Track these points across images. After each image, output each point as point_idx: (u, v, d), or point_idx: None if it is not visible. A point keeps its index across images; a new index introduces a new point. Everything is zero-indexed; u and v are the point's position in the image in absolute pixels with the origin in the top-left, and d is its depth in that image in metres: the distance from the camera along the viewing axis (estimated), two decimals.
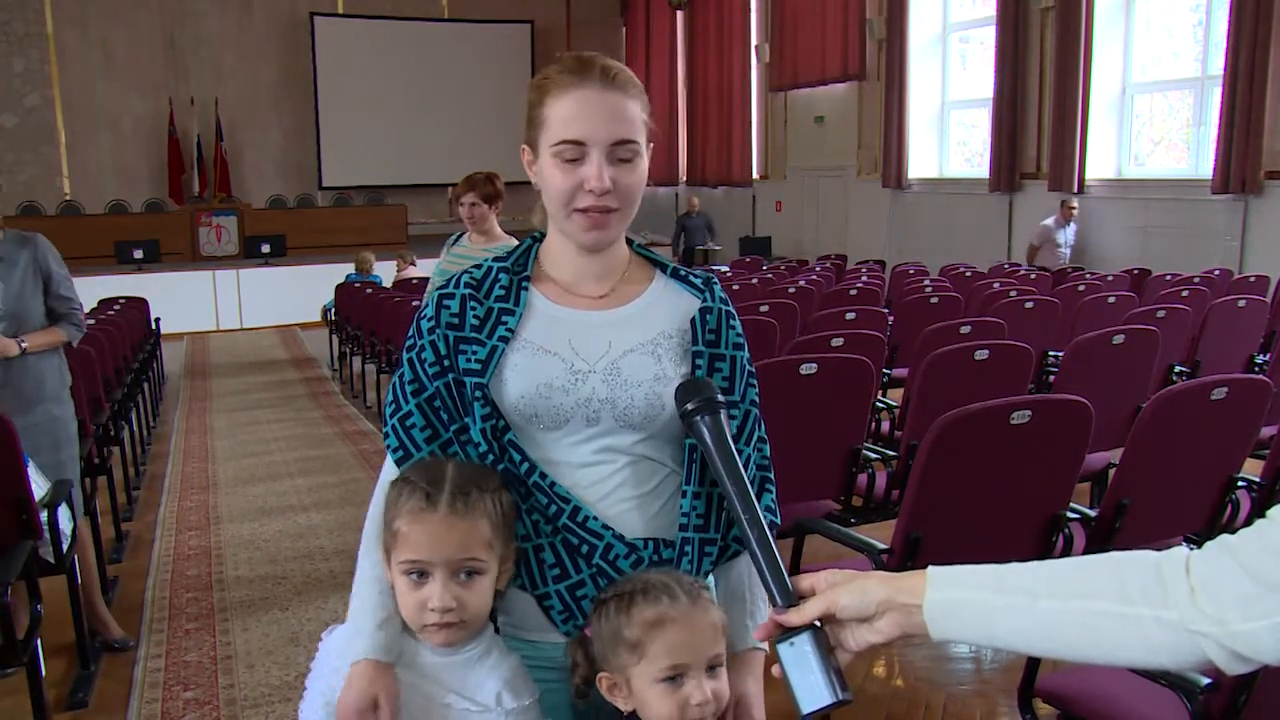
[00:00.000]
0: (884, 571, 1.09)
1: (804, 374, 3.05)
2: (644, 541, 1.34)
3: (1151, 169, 10.21)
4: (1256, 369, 4.78)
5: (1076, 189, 10.01)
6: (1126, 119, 10.27)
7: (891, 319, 5.48)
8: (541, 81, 1.37)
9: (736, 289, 6.50)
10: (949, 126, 12.63)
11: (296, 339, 11.90)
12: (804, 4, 13.70)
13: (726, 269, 9.81)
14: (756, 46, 15.12)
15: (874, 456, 3.40)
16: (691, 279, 1.46)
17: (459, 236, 4.15)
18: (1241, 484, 2.80)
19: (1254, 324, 5.11)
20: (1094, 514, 2.64)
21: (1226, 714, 1.74)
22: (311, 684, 1.41)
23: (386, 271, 10.43)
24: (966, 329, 4.45)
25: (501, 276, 1.40)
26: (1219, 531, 1.67)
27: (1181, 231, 9.22)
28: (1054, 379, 4.02)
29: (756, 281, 7.37)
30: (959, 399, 2.49)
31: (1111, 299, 5.45)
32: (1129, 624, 0.94)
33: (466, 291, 1.39)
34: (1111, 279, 7.15)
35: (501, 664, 1.33)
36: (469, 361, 1.35)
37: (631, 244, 1.47)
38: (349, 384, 8.63)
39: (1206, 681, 1.73)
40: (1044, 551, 2.56)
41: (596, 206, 1.33)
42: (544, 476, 1.33)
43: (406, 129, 16.31)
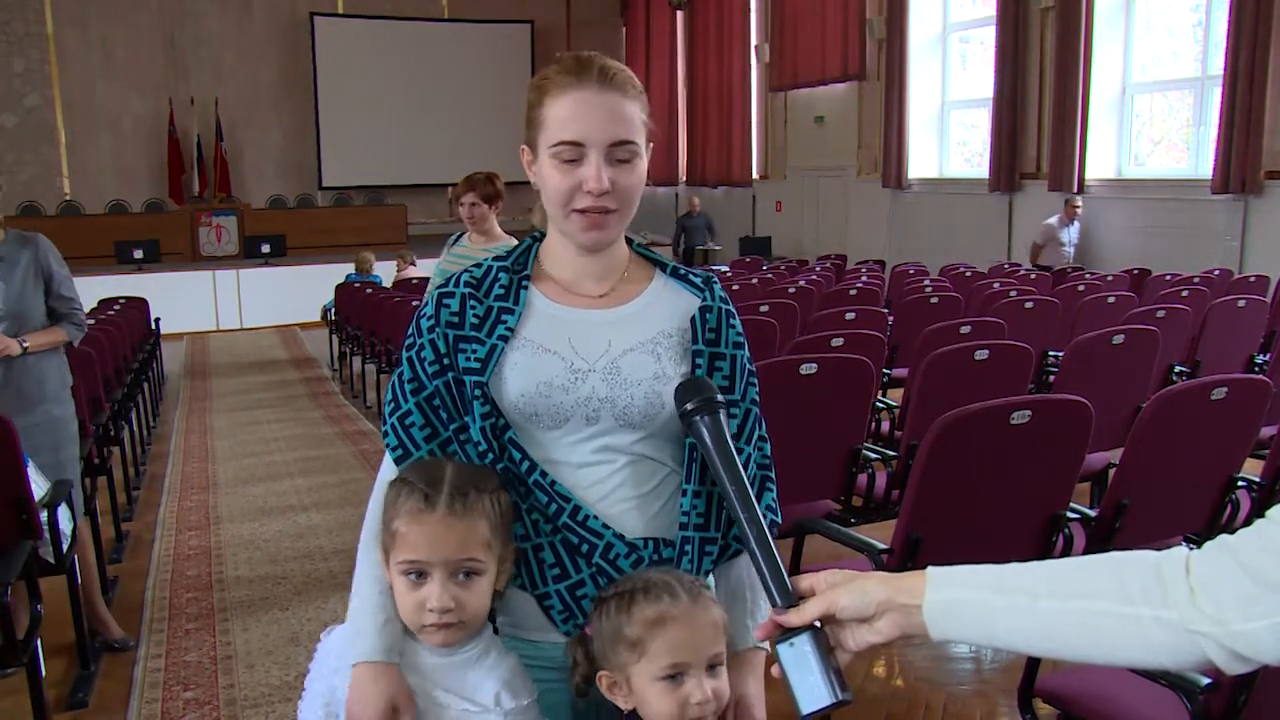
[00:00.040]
0: (883, 572, 1.09)
1: (804, 374, 3.05)
2: (644, 541, 1.34)
3: (1151, 169, 10.21)
4: (1256, 369, 4.78)
5: (1076, 189, 10.01)
6: (1126, 119, 10.27)
7: (891, 319, 5.48)
8: (540, 82, 1.36)
9: (736, 289, 6.50)
10: (949, 126, 12.63)
11: (296, 339, 11.90)
12: (804, 4, 13.70)
13: (726, 269, 9.82)
14: (756, 46, 15.12)
15: (874, 456, 3.40)
16: (691, 278, 1.46)
17: (459, 236, 4.15)
18: (1241, 484, 2.80)
19: (1254, 324, 5.11)
20: (1094, 514, 2.64)
21: (1226, 714, 1.74)
22: (311, 684, 1.41)
23: (386, 271, 10.44)
24: (966, 329, 4.45)
25: (501, 275, 1.40)
26: (1219, 531, 1.67)
27: (1181, 231, 9.22)
28: (1054, 379, 4.02)
29: (756, 281, 7.37)
30: (959, 399, 2.49)
31: (1111, 299, 5.45)
32: (1129, 624, 0.94)
33: (466, 290, 1.39)
34: (1111, 279, 7.15)
35: (500, 664, 1.32)
36: (468, 360, 1.35)
37: (631, 243, 1.47)
38: (349, 384, 8.63)
39: (1206, 681, 1.73)
40: (1044, 551, 2.56)
41: (595, 207, 1.32)
42: (544, 475, 1.33)
43: (406, 129, 16.31)
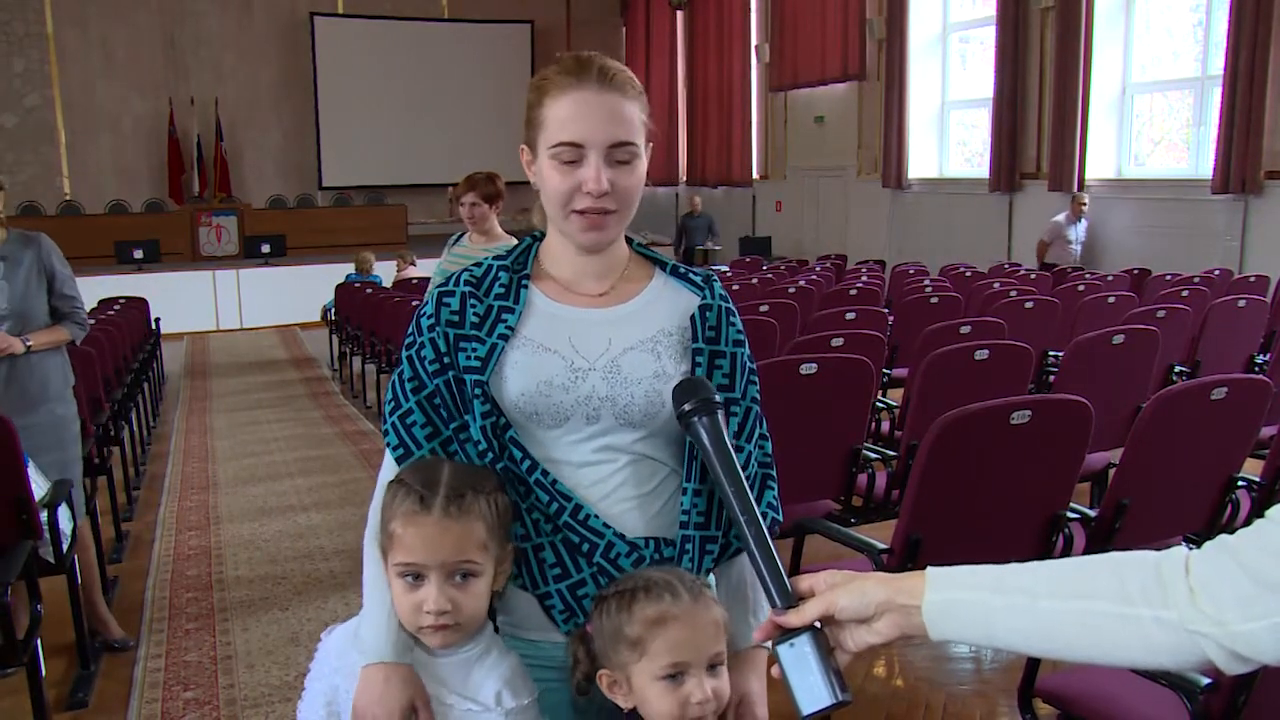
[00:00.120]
0: (883, 572, 1.09)
1: (804, 374, 3.05)
2: (645, 540, 1.34)
3: (1151, 169, 10.20)
4: (1256, 369, 4.78)
5: (1076, 189, 10.00)
6: (1126, 119, 10.27)
7: (891, 319, 5.48)
8: (540, 82, 1.36)
9: (736, 289, 6.50)
10: (949, 126, 12.63)
11: (296, 339, 11.90)
12: (804, 4, 13.70)
13: (726, 269, 9.82)
14: (756, 46, 15.11)
15: (874, 456, 3.40)
16: (691, 276, 1.46)
17: (460, 236, 4.15)
18: (1241, 484, 2.80)
19: (1254, 324, 5.11)
20: (1094, 514, 2.64)
21: (1226, 714, 1.74)
22: (311, 684, 1.41)
23: (386, 271, 10.44)
24: (966, 329, 4.45)
25: (501, 275, 1.40)
26: (1219, 531, 1.67)
27: (1181, 231, 9.22)
28: (1054, 379, 4.02)
29: (756, 281, 7.37)
30: (959, 399, 2.49)
31: (1111, 299, 5.45)
32: (1129, 624, 0.94)
33: (466, 289, 1.39)
34: (1111, 279, 7.15)
35: (501, 663, 1.33)
36: (469, 359, 1.35)
37: (631, 242, 1.47)
38: (349, 384, 8.63)
39: (1206, 681, 1.73)
40: (1044, 551, 2.56)
41: (595, 208, 1.32)
42: (545, 474, 1.33)
43: (406, 129, 16.31)
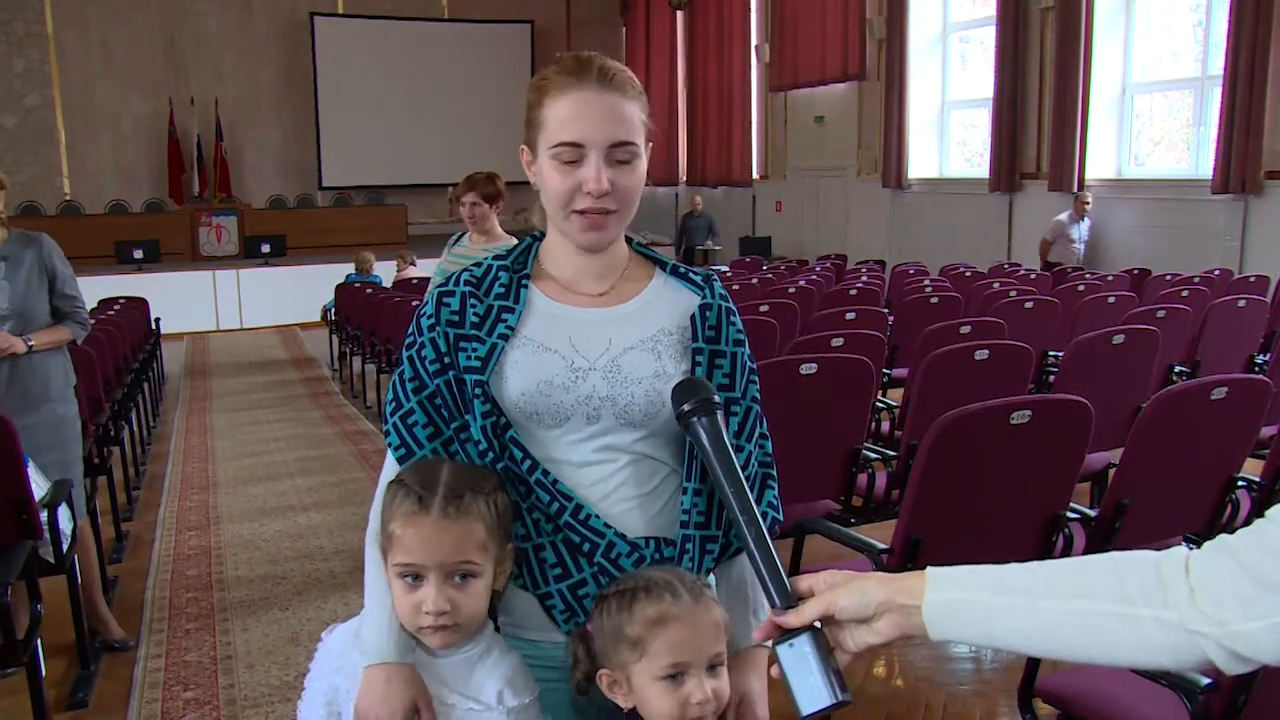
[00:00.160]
0: (883, 572, 1.08)
1: (804, 374, 3.05)
2: (645, 540, 1.34)
3: (1151, 169, 10.20)
4: (1256, 369, 4.78)
5: (1076, 189, 10.00)
6: (1126, 119, 10.27)
7: (891, 319, 5.48)
8: (540, 82, 1.36)
9: (736, 289, 6.50)
10: (949, 126, 12.63)
11: (296, 339, 11.90)
12: (804, 4, 13.70)
13: (726, 269, 9.82)
14: (756, 46, 15.11)
15: (874, 456, 3.40)
16: (691, 276, 1.46)
17: (460, 236, 4.15)
18: (1241, 484, 2.80)
19: (1254, 324, 5.11)
20: (1094, 514, 2.64)
21: (1226, 714, 1.74)
22: (311, 683, 1.41)
23: (386, 271, 10.43)
24: (966, 329, 4.45)
25: (501, 274, 1.40)
26: (1219, 531, 1.67)
27: (1181, 231, 9.22)
28: (1054, 379, 4.02)
29: (756, 281, 7.37)
30: (959, 399, 2.49)
31: (1111, 299, 5.45)
32: (1129, 624, 0.94)
33: (466, 289, 1.39)
34: (1111, 279, 7.15)
35: (502, 662, 1.33)
36: (469, 359, 1.35)
37: (631, 242, 1.47)
38: (349, 384, 8.63)
39: (1206, 681, 1.73)
40: (1044, 551, 2.56)
41: (595, 208, 1.32)
42: (546, 474, 1.33)
43: (406, 129, 16.31)
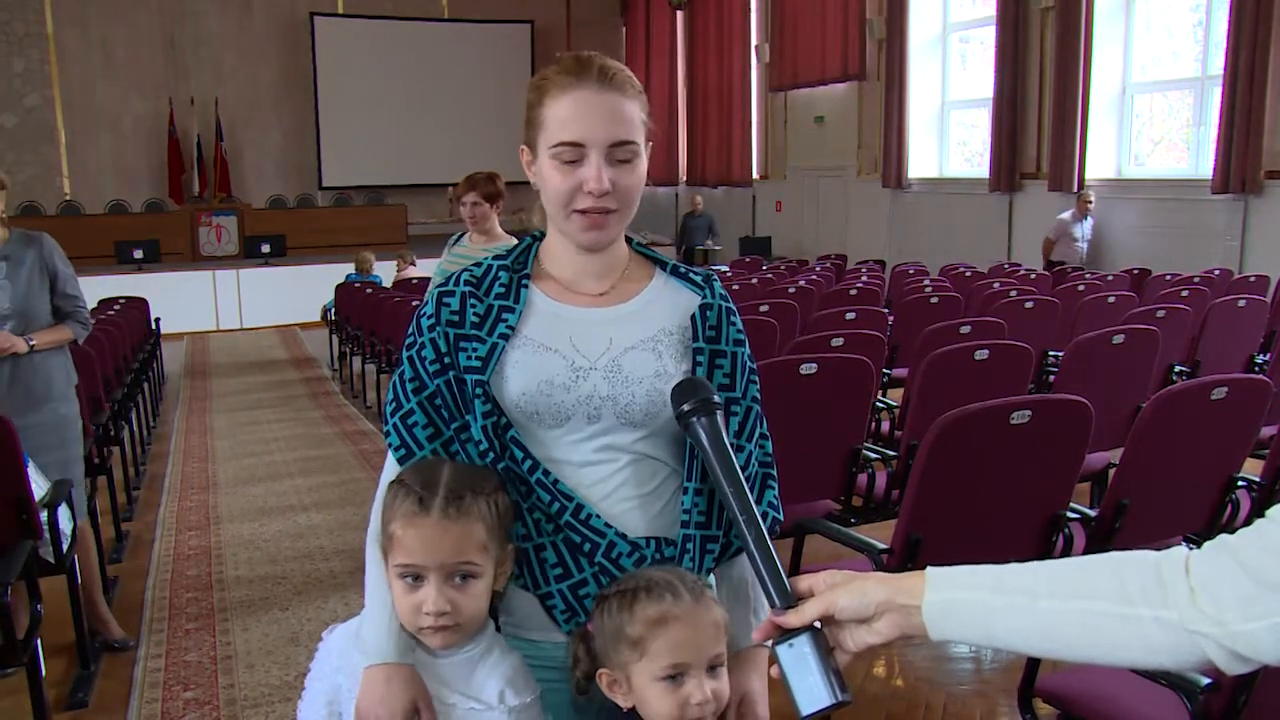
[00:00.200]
0: (883, 572, 1.08)
1: (804, 374, 3.05)
2: (646, 540, 1.34)
3: (1151, 169, 10.20)
4: (1256, 369, 4.78)
5: (1076, 189, 10.00)
6: (1126, 119, 10.27)
7: (891, 319, 5.48)
8: (540, 82, 1.36)
9: (736, 289, 6.50)
10: (949, 126, 12.63)
11: (296, 339, 11.90)
12: (804, 4, 13.69)
13: (726, 269, 9.82)
14: (756, 46, 15.11)
15: (874, 456, 3.40)
16: (691, 276, 1.46)
17: (460, 236, 4.15)
18: (1241, 484, 2.80)
19: (1254, 324, 5.11)
20: (1094, 514, 2.64)
21: (1226, 714, 1.74)
22: (312, 683, 1.40)
23: (386, 271, 10.43)
24: (966, 329, 4.45)
25: (501, 274, 1.40)
26: (1219, 531, 1.67)
27: (1181, 231, 9.22)
28: (1054, 379, 4.02)
29: (756, 281, 7.37)
30: (959, 399, 2.49)
31: (1111, 299, 5.45)
32: (1129, 624, 0.94)
33: (466, 289, 1.39)
34: (1111, 279, 7.15)
35: (503, 662, 1.33)
36: (469, 359, 1.35)
37: (631, 242, 1.47)
38: (349, 384, 8.63)
39: (1206, 681, 1.73)
40: (1044, 551, 2.56)
41: (596, 208, 1.32)
42: (546, 474, 1.33)
43: (406, 129, 16.30)
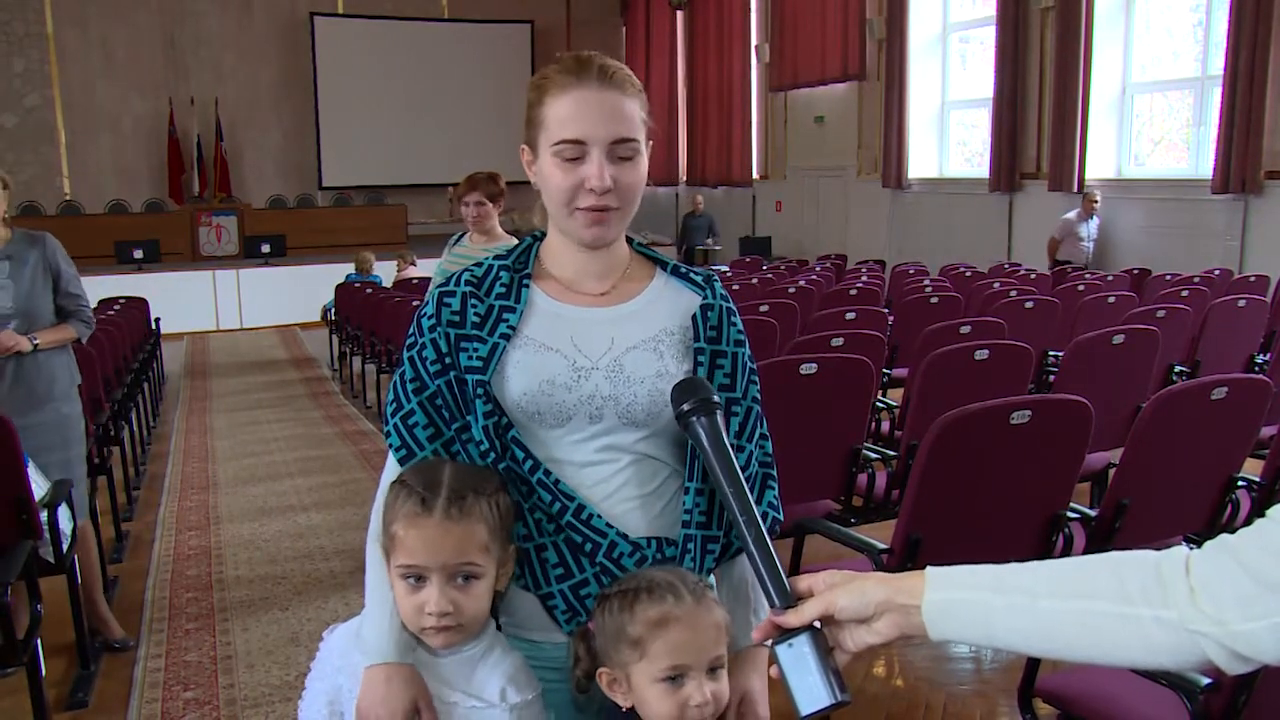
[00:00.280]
0: (882, 572, 1.08)
1: (804, 374, 3.05)
2: (647, 540, 1.34)
3: (1151, 169, 10.20)
4: (1256, 369, 4.78)
5: (1076, 189, 10.00)
6: (1126, 119, 10.27)
7: (891, 319, 5.48)
8: (540, 81, 1.36)
9: (736, 289, 6.50)
10: (949, 126, 12.63)
11: (296, 339, 11.90)
12: (804, 4, 13.70)
13: (726, 269, 9.82)
14: (756, 46, 15.11)
15: (874, 456, 3.40)
16: (692, 276, 1.46)
17: (460, 236, 4.15)
18: (1241, 484, 2.80)
19: (1254, 324, 5.11)
20: (1094, 514, 2.64)
21: (1226, 714, 1.74)
22: (313, 683, 1.40)
23: (386, 271, 10.43)
24: (966, 329, 4.45)
25: (502, 274, 1.40)
26: (1219, 531, 1.67)
27: (1181, 231, 9.22)
28: (1054, 379, 4.02)
29: (756, 281, 7.37)
30: (959, 399, 2.49)
31: (1111, 299, 5.45)
32: (1129, 624, 0.94)
33: (467, 289, 1.39)
34: (1111, 279, 7.15)
35: (504, 660, 1.33)
36: (470, 359, 1.34)
37: (631, 242, 1.47)
38: (349, 384, 8.63)
39: (1206, 681, 1.73)
40: (1044, 551, 2.56)
41: (597, 205, 1.33)
42: (548, 474, 1.33)
43: (406, 129, 16.30)
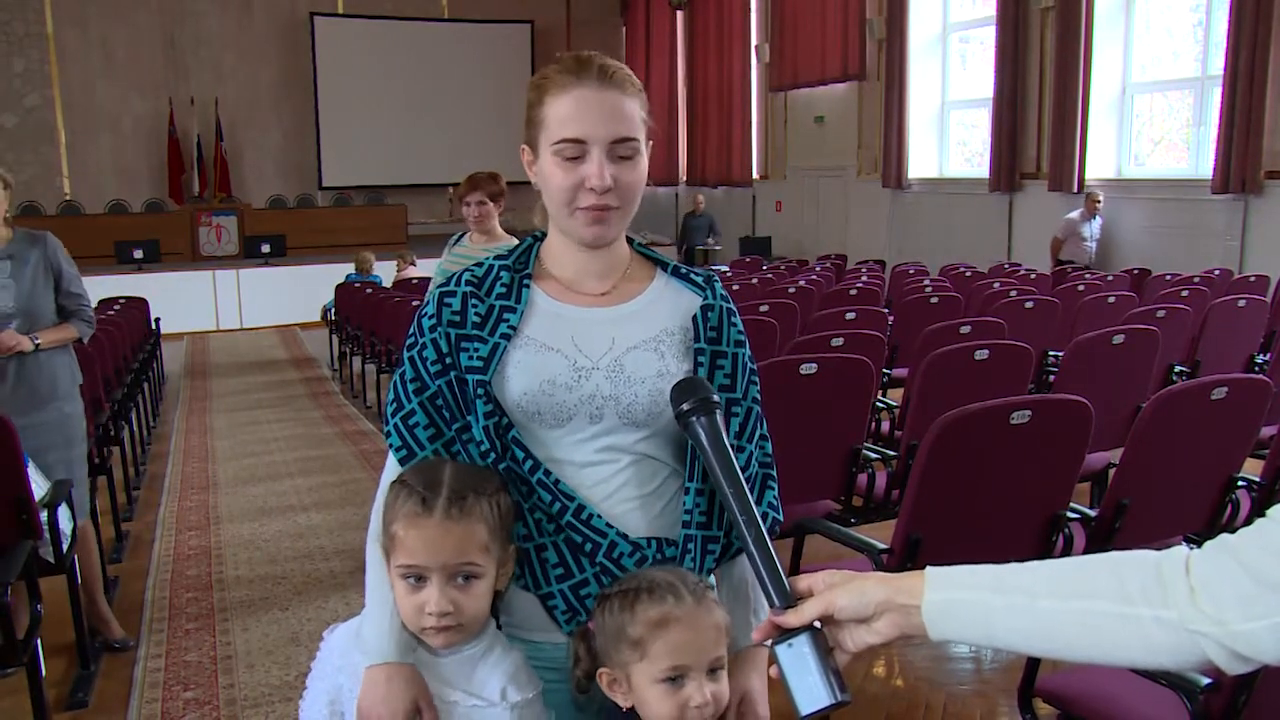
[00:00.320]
0: (882, 572, 1.08)
1: (804, 374, 3.05)
2: (647, 540, 1.34)
3: (1151, 169, 10.20)
4: (1256, 369, 4.78)
5: (1076, 189, 10.00)
6: (1126, 119, 10.27)
7: (891, 319, 5.48)
8: (540, 81, 1.37)
9: (736, 289, 6.50)
10: (949, 126, 12.63)
11: (296, 339, 11.90)
12: (804, 4, 13.69)
13: (726, 269, 9.82)
14: (756, 46, 15.11)
15: (874, 456, 3.40)
16: (692, 276, 1.46)
17: (460, 236, 4.15)
18: (1241, 484, 2.80)
19: (1254, 324, 5.11)
20: (1094, 514, 2.64)
21: (1226, 714, 1.74)
22: (313, 683, 1.40)
23: (386, 271, 10.43)
24: (966, 329, 4.45)
25: (503, 274, 1.40)
26: (1219, 531, 1.67)
27: (1181, 231, 9.22)
28: (1054, 379, 4.02)
29: (756, 281, 7.37)
30: (959, 399, 2.49)
31: (1111, 299, 5.45)
32: (1129, 624, 0.94)
33: (468, 289, 1.39)
34: (1111, 279, 7.15)
35: (505, 659, 1.33)
36: (471, 359, 1.34)
37: (632, 242, 1.47)
38: (349, 384, 8.63)
39: (1206, 681, 1.73)
40: (1044, 551, 2.56)
41: (598, 204, 1.33)
42: (548, 474, 1.33)
43: (406, 129, 16.30)
